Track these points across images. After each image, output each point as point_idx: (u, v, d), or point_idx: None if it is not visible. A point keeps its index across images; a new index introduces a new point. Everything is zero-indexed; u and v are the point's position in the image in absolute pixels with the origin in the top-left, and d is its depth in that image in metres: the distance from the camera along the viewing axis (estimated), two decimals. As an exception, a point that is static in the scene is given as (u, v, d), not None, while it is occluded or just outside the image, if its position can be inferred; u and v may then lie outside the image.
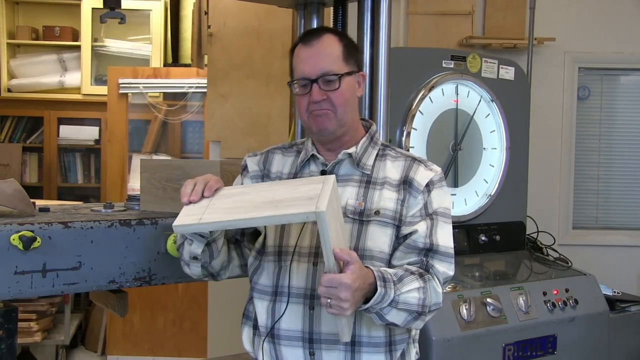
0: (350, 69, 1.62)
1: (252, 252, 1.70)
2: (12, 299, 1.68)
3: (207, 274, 1.67)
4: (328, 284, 1.36)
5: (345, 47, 1.63)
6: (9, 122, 4.89)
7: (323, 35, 1.62)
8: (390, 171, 1.64)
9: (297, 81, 1.62)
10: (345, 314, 1.38)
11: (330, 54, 1.60)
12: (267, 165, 1.73)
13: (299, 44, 1.64)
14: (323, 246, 1.36)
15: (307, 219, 1.34)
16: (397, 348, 1.61)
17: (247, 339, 1.69)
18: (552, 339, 2.48)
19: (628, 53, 3.90)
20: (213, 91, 3.37)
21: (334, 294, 1.36)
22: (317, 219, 1.32)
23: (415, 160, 1.67)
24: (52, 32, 4.84)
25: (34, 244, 1.64)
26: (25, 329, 3.76)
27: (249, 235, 1.72)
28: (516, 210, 2.93)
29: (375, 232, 1.57)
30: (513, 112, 2.88)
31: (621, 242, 3.94)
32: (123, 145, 4.34)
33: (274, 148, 1.78)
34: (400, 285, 1.48)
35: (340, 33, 1.68)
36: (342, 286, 1.36)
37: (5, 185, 1.82)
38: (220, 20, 3.35)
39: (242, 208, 1.45)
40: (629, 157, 4.02)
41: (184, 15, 4.63)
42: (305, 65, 1.60)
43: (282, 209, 1.38)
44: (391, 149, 1.71)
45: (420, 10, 3.69)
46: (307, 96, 1.60)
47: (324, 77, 1.58)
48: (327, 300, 1.37)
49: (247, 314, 1.71)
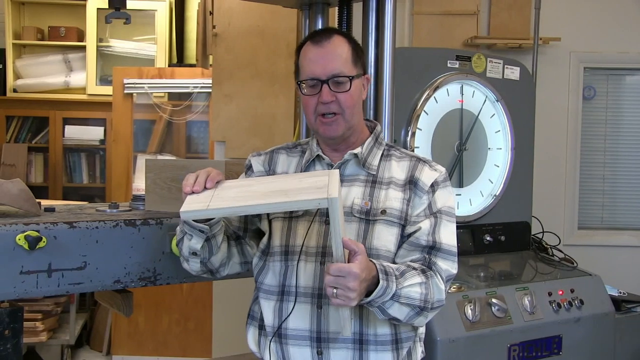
0: (358, 72, 1.63)
1: (256, 251, 1.70)
2: (18, 299, 1.69)
3: (206, 270, 1.66)
4: (336, 272, 1.36)
5: (353, 49, 1.63)
6: (15, 122, 4.90)
7: (333, 36, 1.62)
8: (396, 171, 1.65)
9: (305, 81, 1.61)
10: (351, 304, 1.39)
11: (340, 56, 1.59)
12: (272, 166, 1.73)
13: (308, 43, 1.63)
14: (332, 235, 1.37)
15: (319, 205, 1.35)
16: (403, 346, 1.61)
17: (253, 340, 1.69)
18: (557, 340, 2.47)
19: (634, 53, 3.88)
20: (218, 91, 3.38)
21: (342, 283, 1.36)
22: (329, 205, 1.34)
23: (420, 161, 1.67)
24: (57, 33, 4.85)
25: (40, 243, 1.65)
26: (31, 328, 3.78)
27: (251, 232, 1.72)
28: (521, 211, 2.92)
29: (382, 231, 1.57)
30: (518, 112, 2.87)
31: (627, 242, 3.93)
32: (128, 145, 4.35)
33: (278, 148, 1.77)
34: (402, 279, 1.48)
35: (348, 35, 1.68)
36: (350, 275, 1.36)
37: (11, 185, 1.82)
38: (225, 21, 3.36)
39: (250, 197, 1.45)
40: (634, 157, 4.00)
41: (189, 15, 4.64)
42: (315, 66, 1.59)
43: (293, 196, 1.39)
44: (396, 149, 1.72)
45: (425, 10, 3.69)
46: (316, 97, 1.59)
47: (335, 79, 1.58)
48: (334, 290, 1.37)
49: (252, 315, 1.71)
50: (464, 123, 2.76)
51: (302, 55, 1.64)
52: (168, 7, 4.76)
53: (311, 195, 1.37)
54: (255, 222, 1.71)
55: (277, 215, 1.64)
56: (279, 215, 1.64)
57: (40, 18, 4.98)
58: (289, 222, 1.62)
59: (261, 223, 1.70)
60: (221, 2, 3.36)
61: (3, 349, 1.68)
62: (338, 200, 1.35)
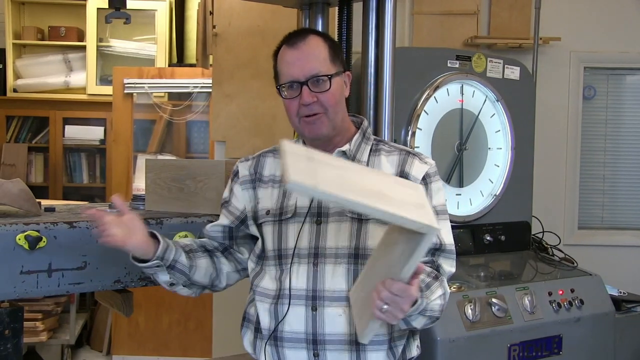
0: (338, 69, 1.61)
1: (249, 256, 1.69)
2: (18, 299, 1.69)
3: (201, 288, 1.68)
4: (398, 292, 1.32)
5: (330, 47, 1.61)
6: (15, 122, 4.90)
7: (308, 36, 1.60)
8: (385, 166, 1.64)
9: (285, 85, 1.59)
10: (393, 322, 1.38)
11: (317, 56, 1.58)
12: (259, 169, 1.71)
13: (284, 47, 1.61)
14: (410, 258, 1.31)
15: (420, 229, 1.28)
16: (397, 345, 1.62)
17: (249, 342, 1.68)
18: (557, 340, 2.47)
19: (634, 53, 3.88)
20: (218, 91, 3.38)
21: (398, 303, 1.33)
22: (428, 234, 1.28)
23: (409, 154, 1.66)
24: (57, 33, 4.85)
25: (40, 243, 1.65)
26: (31, 328, 3.78)
27: (239, 240, 1.72)
28: (521, 210, 2.92)
29: (375, 230, 1.56)
30: (518, 112, 2.87)
31: (627, 242, 3.92)
32: (128, 145, 4.35)
33: (265, 152, 1.76)
34: (429, 292, 1.48)
35: (323, 34, 1.67)
36: (408, 298, 1.34)
37: (11, 185, 1.82)
38: (225, 20, 3.35)
39: (349, 188, 1.30)
40: (635, 157, 4.00)
41: (189, 15, 4.64)
42: (293, 68, 1.57)
43: (397, 209, 1.29)
44: (384, 144, 1.71)
45: (425, 10, 3.69)
46: (297, 99, 1.57)
47: (314, 79, 1.56)
48: (384, 305, 1.34)
49: (248, 318, 1.70)
50: (464, 123, 2.75)
51: (279, 59, 1.62)
52: (168, 7, 4.76)
53: (414, 215, 1.28)
54: (243, 229, 1.70)
55: (267, 219, 1.63)
56: (269, 219, 1.63)
57: (40, 18, 4.98)
58: (279, 225, 1.61)
59: (249, 228, 1.69)
60: (221, 2, 3.36)
61: (3, 349, 1.68)
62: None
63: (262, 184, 1.69)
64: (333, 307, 1.55)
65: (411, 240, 1.31)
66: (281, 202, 1.63)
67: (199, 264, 1.64)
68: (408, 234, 1.31)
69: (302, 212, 1.60)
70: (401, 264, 1.32)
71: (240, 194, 1.71)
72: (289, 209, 1.61)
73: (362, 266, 1.55)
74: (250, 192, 1.70)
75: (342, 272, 1.55)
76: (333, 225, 1.58)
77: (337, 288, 1.55)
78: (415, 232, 1.29)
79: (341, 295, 1.55)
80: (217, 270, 1.69)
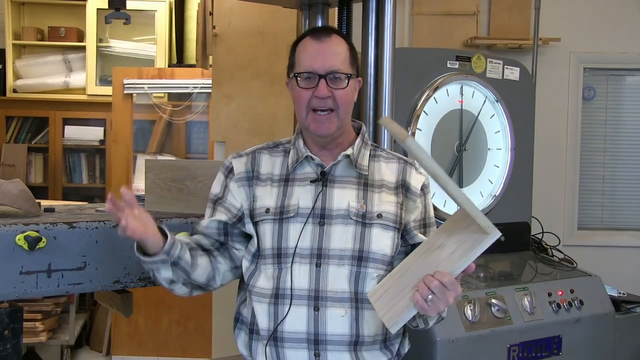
0: (354, 73, 1.63)
1: (246, 255, 1.68)
2: (18, 299, 1.69)
3: (195, 288, 1.67)
4: (448, 284, 1.40)
5: (350, 50, 1.64)
6: (15, 123, 4.90)
7: (332, 34, 1.63)
8: (386, 173, 1.67)
9: (302, 74, 1.60)
10: (432, 313, 1.43)
11: (339, 54, 1.60)
12: (255, 167, 1.69)
13: (308, 38, 1.63)
14: (467, 255, 1.41)
15: (486, 228, 1.41)
16: (392, 343, 1.65)
17: (244, 344, 1.68)
18: (557, 340, 2.47)
19: (634, 53, 3.89)
20: (218, 91, 3.38)
21: (445, 295, 1.40)
22: (491, 235, 1.41)
23: (407, 163, 1.71)
24: (57, 33, 4.85)
25: (39, 244, 1.65)
26: (31, 329, 3.78)
27: (235, 236, 1.69)
28: (521, 211, 2.92)
29: (380, 235, 1.59)
30: (518, 112, 2.87)
31: (626, 242, 3.93)
32: (128, 146, 4.35)
33: (259, 148, 1.75)
34: None
35: (345, 37, 1.69)
36: (455, 292, 1.41)
37: (11, 186, 1.82)
38: (225, 21, 3.36)
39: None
40: (634, 157, 4.00)
41: (189, 15, 4.64)
42: (314, 60, 1.59)
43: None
44: (381, 150, 1.74)
45: (425, 10, 3.69)
46: (311, 91, 1.58)
47: (333, 75, 1.58)
48: (430, 296, 1.40)
49: (241, 319, 1.70)
50: (463, 123, 2.76)
51: (299, 49, 1.64)
52: (168, 7, 4.76)
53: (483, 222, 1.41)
54: (239, 226, 1.68)
55: (266, 218, 1.62)
56: (268, 218, 1.62)
57: (40, 18, 4.98)
58: (279, 224, 1.61)
59: (245, 227, 1.67)
60: (221, 2, 3.36)
61: (3, 350, 1.68)
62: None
63: (259, 182, 1.67)
64: (336, 308, 1.55)
65: (466, 241, 1.43)
66: (282, 201, 1.62)
67: (199, 263, 1.63)
68: (461, 236, 1.44)
69: (304, 212, 1.59)
70: (454, 260, 1.42)
71: (236, 191, 1.68)
72: (291, 208, 1.60)
73: (365, 269, 1.57)
74: (247, 190, 1.67)
75: (345, 274, 1.57)
76: (338, 228, 1.58)
77: (340, 289, 1.56)
78: (475, 233, 1.42)
79: (344, 297, 1.56)
80: (214, 269, 1.68)
